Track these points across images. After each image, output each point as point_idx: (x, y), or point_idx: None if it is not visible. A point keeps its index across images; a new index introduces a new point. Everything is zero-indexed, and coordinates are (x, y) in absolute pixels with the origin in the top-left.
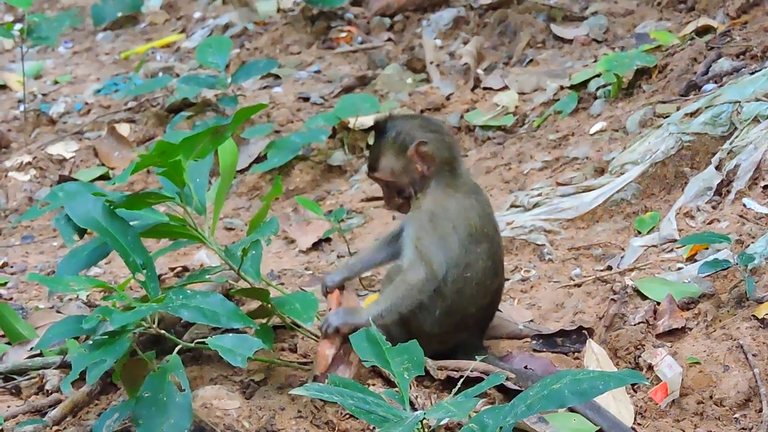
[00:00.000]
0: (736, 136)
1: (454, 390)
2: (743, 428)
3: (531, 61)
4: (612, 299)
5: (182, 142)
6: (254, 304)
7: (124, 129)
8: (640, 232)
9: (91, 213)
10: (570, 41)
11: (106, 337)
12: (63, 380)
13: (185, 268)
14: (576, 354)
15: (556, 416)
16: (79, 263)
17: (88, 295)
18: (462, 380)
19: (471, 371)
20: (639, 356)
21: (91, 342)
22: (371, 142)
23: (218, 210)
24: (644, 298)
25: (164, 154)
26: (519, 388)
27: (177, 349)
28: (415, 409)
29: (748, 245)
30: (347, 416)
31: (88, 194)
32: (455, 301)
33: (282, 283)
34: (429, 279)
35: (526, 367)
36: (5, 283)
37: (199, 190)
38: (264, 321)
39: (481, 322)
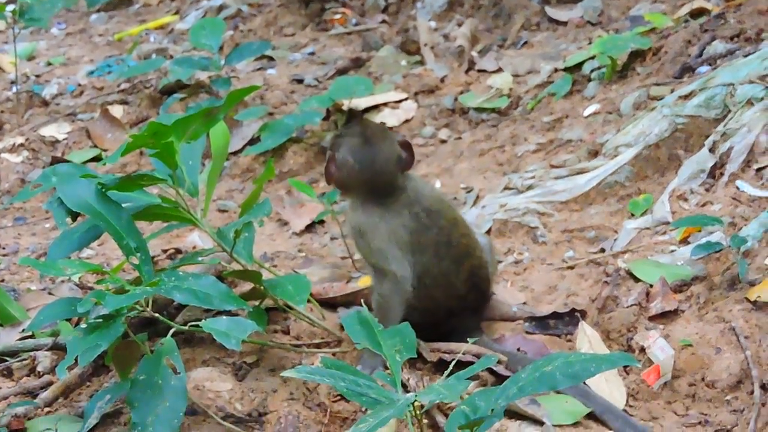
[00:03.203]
0: (730, 119)
1: (446, 372)
2: (735, 410)
3: (525, 43)
4: (605, 281)
5: (175, 124)
6: (247, 286)
7: (117, 111)
8: (633, 215)
9: (83, 196)
10: (564, 23)
11: (100, 320)
12: (59, 365)
13: (178, 250)
14: (568, 336)
15: (548, 398)
16: (70, 245)
17: (80, 277)
18: (454, 363)
19: (463, 353)
20: (631, 338)
21: (84, 325)
22: None
23: (210, 192)
24: (637, 280)
25: (156, 135)
26: (508, 374)
27: (171, 332)
28: (408, 391)
29: (741, 228)
30: (339, 398)
31: (81, 177)
32: (429, 301)
33: (275, 265)
34: (397, 282)
35: (519, 350)
36: None
37: (191, 173)
38: (257, 303)
39: (468, 307)
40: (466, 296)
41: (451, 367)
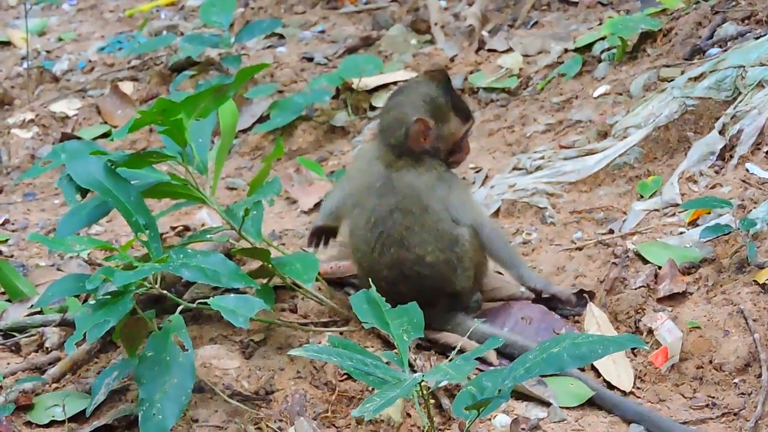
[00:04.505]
0: (740, 101)
1: (453, 352)
2: (742, 393)
3: (536, 23)
4: (613, 263)
5: (184, 101)
6: (255, 264)
7: (127, 87)
8: (642, 196)
9: (92, 173)
10: (575, 4)
11: (109, 297)
12: (67, 341)
13: (186, 228)
14: (576, 317)
15: (554, 379)
16: (79, 222)
17: (89, 254)
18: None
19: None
20: (639, 320)
21: (93, 302)
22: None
23: (219, 170)
24: (645, 262)
25: (166, 112)
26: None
27: (179, 309)
28: (414, 372)
29: (750, 210)
30: (346, 377)
31: (90, 154)
32: (359, 260)
33: (283, 244)
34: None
35: (523, 319)
36: (6, 241)
37: (201, 150)
38: (265, 281)
39: (407, 296)
40: (395, 283)
41: (458, 347)
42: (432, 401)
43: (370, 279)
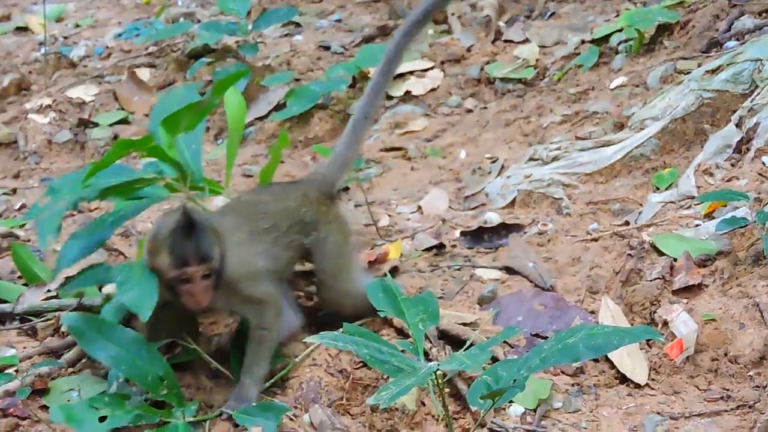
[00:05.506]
0: (757, 94)
1: (468, 342)
2: (757, 386)
3: (553, 14)
4: (628, 254)
5: (165, 121)
6: None
7: (144, 74)
8: (658, 188)
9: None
10: None
11: None
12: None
13: None
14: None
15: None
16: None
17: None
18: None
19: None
20: (654, 312)
21: None
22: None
23: (231, 163)
24: (661, 254)
25: (142, 142)
26: None
27: None
28: (429, 361)
29: (767, 203)
30: (361, 365)
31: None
32: None
33: None
34: None
35: (536, 307)
36: (23, 225)
37: (194, 158)
38: None
39: None
40: None
41: (468, 343)
42: (447, 390)
43: None
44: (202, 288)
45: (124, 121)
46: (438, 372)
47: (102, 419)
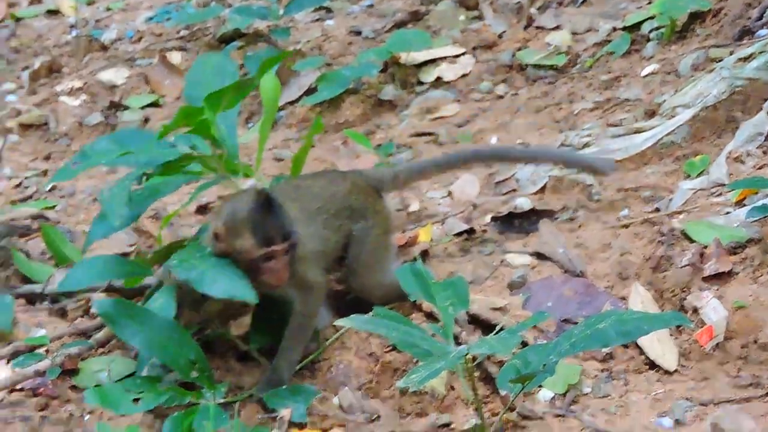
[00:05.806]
0: None
1: (498, 327)
2: None
3: (585, 1)
4: (659, 241)
5: (207, 98)
6: None
7: (175, 57)
8: (689, 175)
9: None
10: None
11: None
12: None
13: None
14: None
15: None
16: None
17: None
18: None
19: None
20: (684, 299)
21: None
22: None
23: (262, 145)
24: (691, 241)
25: (190, 116)
26: None
27: None
28: (459, 345)
29: None
30: (391, 349)
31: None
32: None
33: None
34: None
35: (565, 293)
36: (54, 207)
37: (230, 135)
38: None
39: None
40: None
41: (498, 328)
42: (477, 374)
43: None
44: (283, 264)
45: (154, 104)
46: (468, 356)
47: (135, 401)
